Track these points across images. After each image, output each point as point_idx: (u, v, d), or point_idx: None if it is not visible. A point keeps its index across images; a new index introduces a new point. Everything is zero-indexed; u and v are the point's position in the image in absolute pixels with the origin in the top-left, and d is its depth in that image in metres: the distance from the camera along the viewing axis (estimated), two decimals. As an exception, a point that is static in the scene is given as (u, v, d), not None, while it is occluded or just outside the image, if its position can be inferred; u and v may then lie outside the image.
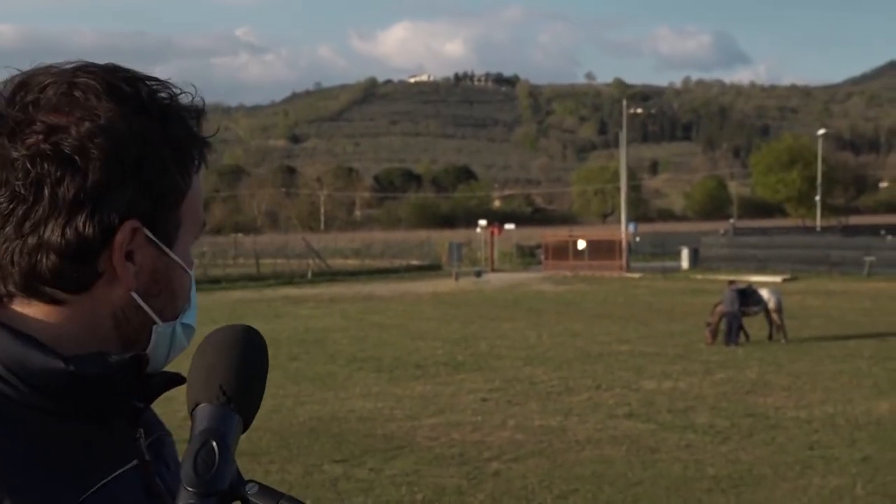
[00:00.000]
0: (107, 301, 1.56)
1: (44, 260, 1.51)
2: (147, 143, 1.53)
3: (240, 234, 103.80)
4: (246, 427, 1.43)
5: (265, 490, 1.35)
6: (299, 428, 17.33)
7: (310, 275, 64.86)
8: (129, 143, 1.51)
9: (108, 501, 1.53)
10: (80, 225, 1.50)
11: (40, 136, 1.48)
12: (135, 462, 1.62)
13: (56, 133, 1.49)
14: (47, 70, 1.56)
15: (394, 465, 14.80)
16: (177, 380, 1.67)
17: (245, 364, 1.43)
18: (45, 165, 1.48)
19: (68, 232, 1.50)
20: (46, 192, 1.48)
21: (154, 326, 1.60)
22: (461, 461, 15.06)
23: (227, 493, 1.33)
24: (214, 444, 1.33)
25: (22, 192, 1.49)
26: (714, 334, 27.44)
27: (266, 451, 15.52)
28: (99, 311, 1.56)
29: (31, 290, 1.54)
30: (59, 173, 1.48)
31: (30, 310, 1.56)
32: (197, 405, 1.39)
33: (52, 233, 1.50)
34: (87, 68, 1.56)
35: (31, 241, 1.50)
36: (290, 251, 78.53)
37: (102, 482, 1.54)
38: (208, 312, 35.92)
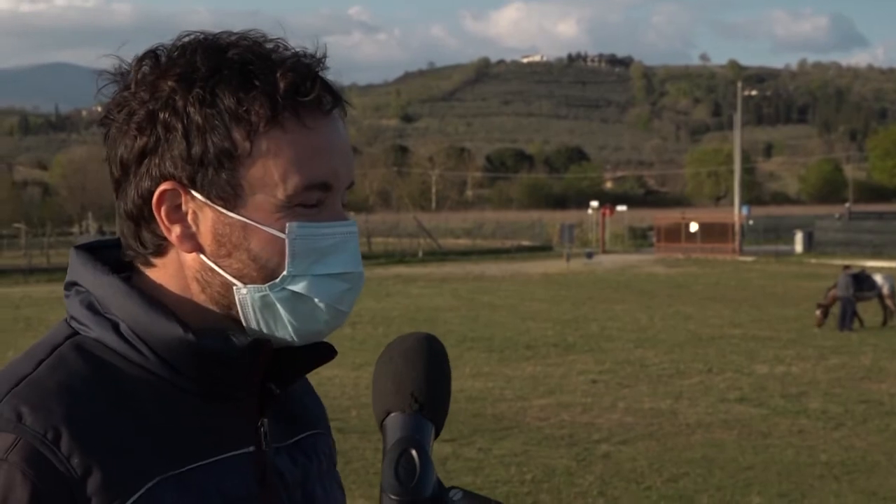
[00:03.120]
0: (185, 265, 1.60)
1: (125, 228, 1.61)
2: (175, 105, 1.54)
3: (351, 213, 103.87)
4: (437, 434, 1.42)
5: (470, 496, 1.35)
6: (410, 406, 17.39)
7: (421, 254, 65.14)
8: (160, 108, 1.55)
9: (208, 481, 1.54)
10: (131, 190, 1.59)
11: (107, 113, 1.61)
12: (251, 448, 1.62)
13: (108, 113, 1.60)
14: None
15: (503, 446, 14.82)
16: (323, 356, 1.70)
17: (433, 371, 1.43)
18: (111, 141, 1.61)
19: (126, 198, 1.60)
20: (112, 162, 1.61)
21: (235, 289, 1.58)
22: (570, 442, 15.04)
23: (430, 500, 1.33)
24: (414, 452, 1.34)
25: (111, 167, 1.62)
26: (825, 315, 27.13)
27: (375, 430, 15.49)
28: (185, 274, 1.60)
29: (136, 254, 1.62)
30: (116, 147, 1.60)
31: (150, 275, 1.62)
32: (388, 414, 1.39)
33: (122, 200, 1.61)
34: (181, 36, 1.61)
35: (122, 208, 1.62)
36: (402, 230, 78.83)
37: (205, 461, 1.55)
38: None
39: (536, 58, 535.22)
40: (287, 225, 1.57)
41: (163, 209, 1.56)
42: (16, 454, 1.42)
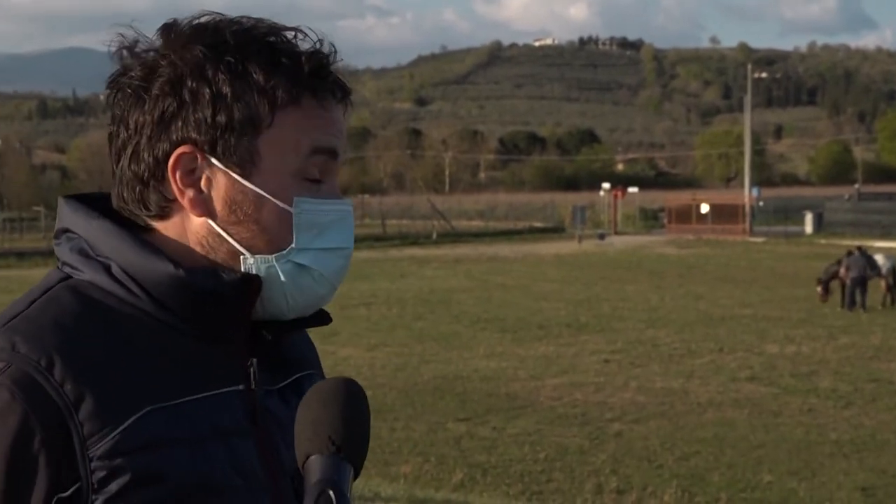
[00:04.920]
0: (190, 229, 1.63)
1: (129, 189, 1.64)
2: (205, 74, 1.58)
3: (366, 195, 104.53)
4: (356, 475, 1.42)
5: None
6: (424, 386, 17.45)
7: (434, 236, 65.13)
8: (187, 75, 1.58)
9: (199, 414, 1.57)
10: (143, 152, 1.61)
11: (128, 76, 1.63)
12: (241, 387, 1.64)
13: (126, 74, 1.63)
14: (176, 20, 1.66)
15: (516, 424, 14.86)
16: (318, 319, 1.73)
17: (349, 413, 1.43)
18: (121, 99, 1.63)
19: (135, 160, 1.62)
20: (122, 124, 1.63)
21: (242, 258, 1.62)
22: (583, 421, 15.06)
23: None
24: (331, 492, 1.34)
25: (113, 127, 1.65)
26: (826, 291, 27.26)
27: (391, 409, 15.65)
28: (186, 238, 1.63)
29: (135, 216, 1.65)
30: (128, 106, 1.61)
31: (158, 234, 1.65)
32: (308, 457, 1.40)
33: (130, 161, 1.63)
34: (202, 14, 1.65)
35: (119, 171, 1.65)
36: (416, 212, 78.87)
37: (196, 396, 1.57)
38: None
39: (548, 41, 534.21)
40: (295, 199, 1.61)
41: (178, 172, 1.59)
42: (7, 377, 1.45)
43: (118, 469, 1.47)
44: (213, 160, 1.59)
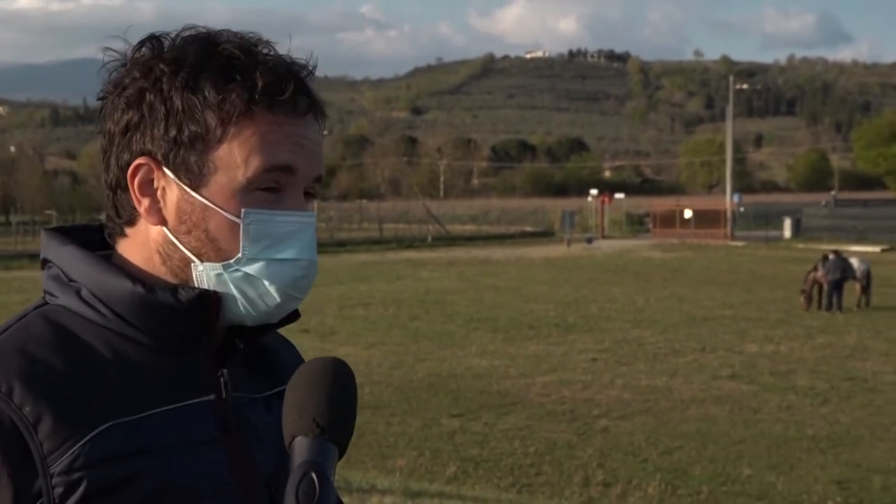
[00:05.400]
0: (150, 237, 1.64)
1: (107, 198, 1.67)
2: (161, 88, 1.58)
3: (364, 201, 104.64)
4: (341, 455, 1.41)
5: None
6: (419, 383, 17.45)
7: (430, 239, 65.14)
8: (146, 89, 1.59)
9: (165, 426, 1.56)
10: (112, 163, 1.64)
11: (104, 89, 1.66)
12: (212, 396, 1.64)
13: (105, 87, 1.65)
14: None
15: (507, 420, 14.86)
16: (286, 318, 1.71)
17: (335, 395, 1.42)
18: (104, 113, 1.65)
19: (108, 171, 1.65)
20: (106, 136, 1.65)
21: (193, 265, 1.61)
22: (571, 417, 15.07)
23: None
24: (314, 474, 1.33)
25: (101, 139, 1.67)
26: (809, 301, 27.26)
27: (388, 405, 15.65)
28: (149, 245, 1.64)
29: (117, 227, 1.68)
30: (105, 120, 1.64)
31: (120, 246, 1.68)
32: (294, 439, 1.39)
33: (104, 173, 1.66)
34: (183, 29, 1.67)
35: (104, 178, 1.67)
36: (412, 217, 78.96)
37: (162, 408, 1.57)
38: (334, 274, 36.26)
39: (539, 53, 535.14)
40: (243, 210, 1.58)
41: (136, 181, 1.61)
42: None
43: (76, 482, 1.47)
44: (167, 171, 1.60)
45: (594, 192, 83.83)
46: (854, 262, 28.46)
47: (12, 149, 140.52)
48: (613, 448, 13.39)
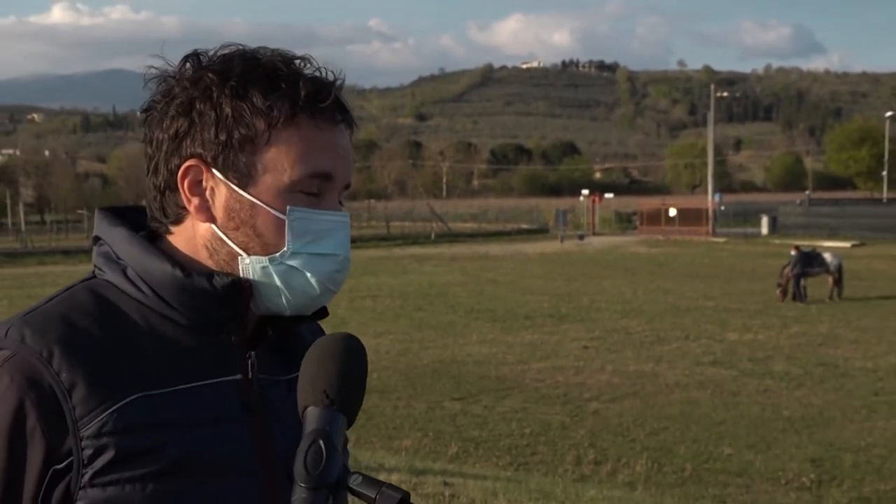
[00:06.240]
0: (198, 233, 1.66)
1: (153, 199, 1.69)
2: (212, 96, 1.61)
3: (372, 200, 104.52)
4: (350, 423, 1.42)
5: (368, 480, 1.37)
6: (423, 369, 17.45)
7: (433, 236, 65.08)
8: (196, 98, 1.61)
9: (191, 401, 1.58)
10: (161, 166, 1.65)
11: (153, 102, 1.67)
12: (238, 376, 1.65)
13: (153, 99, 1.67)
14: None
15: (505, 403, 14.86)
16: (315, 315, 1.75)
17: (345, 368, 1.43)
18: (150, 123, 1.67)
19: (156, 173, 1.66)
20: (148, 143, 1.67)
21: (240, 258, 1.64)
22: (564, 400, 15.07)
23: (334, 485, 1.34)
24: (321, 442, 1.35)
25: (147, 147, 1.69)
26: (784, 293, 27.29)
27: (394, 389, 15.65)
28: (195, 242, 1.66)
29: (159, 223, 1.69)
30: (152, 126, 1.66)
31: (164, 242, 1.69)
32: (306, 408, 1.40)
33: (151, 175, 1.67)
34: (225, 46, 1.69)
35: (151, 181, 1.68)
36: (416, 215, 78.90)
37: (191, 384, 1.59)
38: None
39: (534, 64, 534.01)
40: (288, 207, 1.62)
41: (186, 182, 1.63)
42: (10, 364, 1.50)
43: (104, 447, 1.50)
44: (216, 172, 1.62)
45: (585, 192, 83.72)
46: (827, 256, 28.43)
47: (47, 153, 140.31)
48: (604, 429, 13.39)
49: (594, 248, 55.00)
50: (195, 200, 1.63)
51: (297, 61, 1.65)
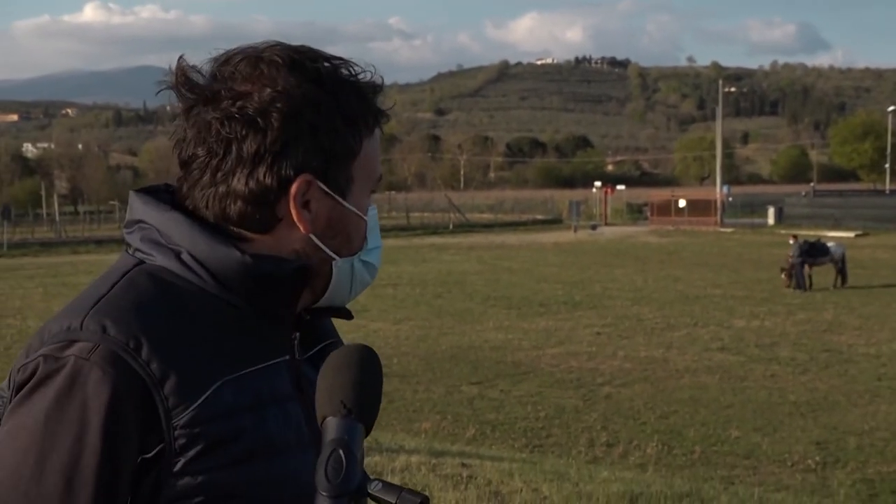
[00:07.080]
0: (287, 242, 1.62)
1: (232, 205, 1.59)
2: (320, 109, 1.57)
3: (393, 192, 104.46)
4: (368, 431, 1.42)
5: (388, 486, 1.36)
6: (442, 355, 17.46)
7: (451, 226, 65.10)
8: (303, 109, 1.56)
9: (259, 382, 1.58)
10: (261, 176, 1.56)
11: (229, 102, 1.56)
12: (287, 357, 1.66)
13: (242, 99, 1.56)
14: (244, 48, 1.63)
15: (521, 387, 14.87)
16: (341, 312, 1.76)
17: (360, 378, 1.42)
18: (233, 125, 1.55)
19: (251, 182, 1.57)
20: (234, 148, 1.56)
21: (334, 262, 1.65)
22: (578, 385, 15.07)
23: (355, 492, 1.33)
24: (341, 452, 1.34)
25: (214, 147, 1.57)
26: (790, 277, 27.25)
27: (414, 374, 15.67)
28: (281, 247, 1.62)
29: (238, 231, 1.62)
30: (243, 132, 1.55)
31: (243, 245, 1.62)
32: (325, 419, 1.40)
33: (238, 182, 1.57)
34: (274, 46, 1.62)
35: (221, 188, 1.58)
36: (435, 206, 78.85)
37: (256, 366, 1.58)
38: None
39: (549, 60, 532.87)
40: (368, 209, 1.70)
41: (298, 196, 1.59)
42: (98, 356, 1.45)
43: (197, 436, 1.48)
44: (322, 185, 1.61)
45: (598, 184, 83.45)
46: (832, 245, 28.39)
47: (80, 146, 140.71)
48: (615, 412, 13.38)
49: (606, 238, 54.92)
50: (303, 213, 1.60)
51: (356, 68, 1.65)
